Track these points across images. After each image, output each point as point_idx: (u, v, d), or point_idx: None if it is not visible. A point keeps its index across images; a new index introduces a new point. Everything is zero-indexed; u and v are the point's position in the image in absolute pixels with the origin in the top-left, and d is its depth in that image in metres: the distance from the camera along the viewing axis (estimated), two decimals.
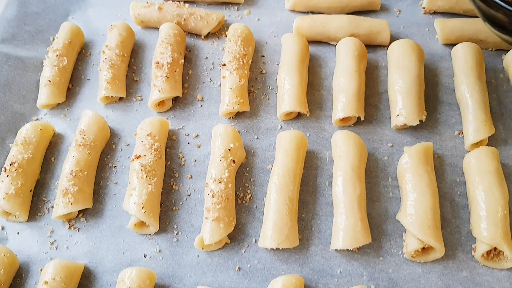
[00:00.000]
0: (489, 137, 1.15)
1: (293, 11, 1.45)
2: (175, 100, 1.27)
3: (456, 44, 1.30)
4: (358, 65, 1.23)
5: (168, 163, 1.16)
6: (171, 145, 1.20)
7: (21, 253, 1.05)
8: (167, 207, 1.11)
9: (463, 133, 1.18)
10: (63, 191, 1.06)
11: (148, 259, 1.04)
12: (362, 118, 1.19)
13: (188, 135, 1.22)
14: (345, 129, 1.20)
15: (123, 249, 1.05)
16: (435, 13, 1.42)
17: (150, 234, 1.07)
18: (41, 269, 1.01)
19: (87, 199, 1.08)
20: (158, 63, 1.25)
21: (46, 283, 0.95)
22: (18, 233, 1.08)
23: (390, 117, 1.21)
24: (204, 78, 1.32)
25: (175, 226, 1.08)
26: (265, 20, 1.44)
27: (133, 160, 1.10)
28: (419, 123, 1.15)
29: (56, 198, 1.07)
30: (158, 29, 1.37)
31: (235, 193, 1.10)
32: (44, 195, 1.13)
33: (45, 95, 1.24)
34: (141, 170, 1.07)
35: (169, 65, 1.24)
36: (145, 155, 1.10)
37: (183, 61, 1.30)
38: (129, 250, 1.05)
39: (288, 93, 1.20)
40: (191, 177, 1.15)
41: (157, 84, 1.22)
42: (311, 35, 1.35)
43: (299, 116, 1.23)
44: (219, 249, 1.05)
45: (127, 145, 1.20)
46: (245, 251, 1.05)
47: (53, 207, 1.09)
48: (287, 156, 1.10)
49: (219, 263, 1.03)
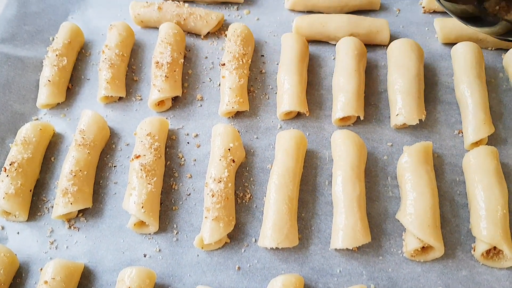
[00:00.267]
0: (488, 136, 1.14)
1: (292, 10, 1.45)
2: (174, 99, 1.27)
3: (456, 43, 1.29)
4: (358, 64, 1.23)
5: (168, 162, 1.17)
6: (170, 145, 1.20)
7: (21, 252, 1.05)
8: (167, 206, 1.11)
9: (462, 133, 1.18)
10: (63, 190, 1.06)
11: (148, 259, 1.04)
12: (362, 118, 1.18)
13: (187, 134, 1.22)
14: (345, 128, 1.20)
15: (123, 248, 1.05)
16: (435, 12, 1.42)
17: (149, 234, 1.07)
18: (41, 269, 1.01)
19: (87, 199, 1.09)
20: (158, 62, 1.25)
21: (46, 282, 0.95)
22: (18, 232, 1.08)
23: (390, 117, 1.21)
24: (204, 77, 1.32)
25: (175, 226, 1.08)
26: (265, 20, 1.44)
27: (132, 159, 1.10)
28: (418, 122, 1.15)
29: (56, 198, 1.08)
30: (158, 28, 1.37)
31: (235, 192, 1.10)
32: (44, 195, 1.13)
33: (45, 95, 1.24)
34: (141, 169, 1.07)
35: (168, 65, 1.24)
36: (144, 155, 1.10)
37: (182, 60, 1.30)
38: (129, 249, 1.05)
39: (287, 92, 1.20)
40: (191, 176, 1.15)
41: (156, 83, 1.22)
42: (310, 34, 1.35)
43: (298, 115, 1.23)
44: (218, 248, 1.05)
45: (127, 144, 1.21)
46: (244, 250, 1.05)
47: (53, 206, 1.09)
48: (286, 156, 1.10)
49: (219, 262, 1.03)
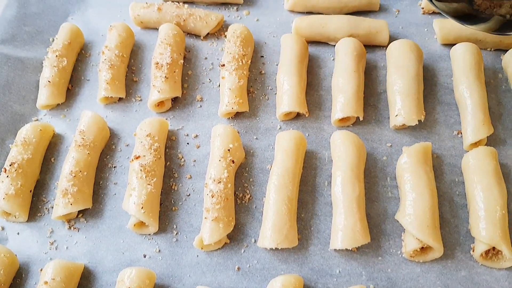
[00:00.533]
0: (487, 137, 1.15)
1: (292, 11, 1.45)
2: (174, 100, 1.27)
3: (455, 44, 1.29)
4: (357, 65, 1.23)
5: (168, 163, 1.17)
6: (170, 146, 1.20)
7: (21, 253, 1.05)
8: (167, 207, 1.11)
9: (461, 133, 1.18)
10: (63, 191, 1.06)
11: (147, 259, 1.04)
12: (361, 118, 1.19)
13: (187, 135, 1.22)
14: (344, 129, 1.20)
15: (122, 249, 1.06)
16: (434, 13, 1.42)
17: (149, 234, 1.07)
18: (41, 269, 1.01)
19: (87, 200, 1.09)
20: (158, 63, 1.25)
21: (46, 283, 0.95)
22: (18, 233, 1.08)
23: (389, 117, 1.22)
24: (204, 78, 1.32)
25: (175, 226, 1.08)
26: (264, 21, 1.44)
27: (132, 160, 1.10)
28: (418, 123, 1.15)
29: (56, 199, 1.08)
30: (158, 29, 1.37)
31: (235, 193, 1.11)
32: (44, 196, 1.13)
33: (45, 95, 1.24)
34: (141, 170, 1.07)
35: (168, 66, 1.25)
36: (144, 156, 1.10)
37: (182, 61, 1.30)
38: (128, 250, 1.05)
39: (287, 93, 1.20)
40: (191, 177, 1.15)
41: (156, 84, 1.22)
42: (310, 35, 1.35)
43: (298, 116, 1.24)
44: (218, 249, 1.05)
45: (127, 145, 1.21)
46: (244, 251, 1.05)
47: (53, 207, 1.09)
48: (286, 156, 1.10)
49: (219, 263, 1.03)
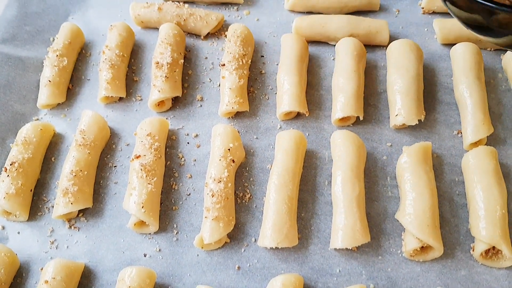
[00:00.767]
0: (487, 136, 1.15)
1: (292, 11, 1.45)
2: (174, 100, 1.27)
3: (455, 44, 1.30)
4: (357, 65, 1.24)
5: (168, 162, 1.17)
6: (170, 145, 1.20)
7: (22, 252, 1.05)
8: (167, 206, 1.11)
9: (461, 133, 1.18)
10: (63, 190, 1.06)
11: (148, 258, 1.04)
12: (361, 118, 1.19)
13: (187, 135, 1.22)
14: (344, 128, 1.20)
15: (123, 248, 1.06)
16: (434, 13, 1.42)
17: (150, 234, 1.07)
18: (42, 268, 1.02)
19: (87, 199, 1.09)
20: (158, 63, 1.25)
21: (46, 282, 0.95)
22: (19, 232, 1.08)
23: (389, 117, 1.22)
24: (204, 78, 1.32)
25: (175, 226, 1.08)
26: (265, 20, 1.44)
27: (133, 159, 1.11)
28: (418, 122, 1.16)
29: (56, 198, 1.08)
30: (158, 29, 1.37)
31: (235, 192, 1.11)
32: (45, 195, 1.13)
33: (45, 95, 1.24)
34: (141, 169, 1.08)
35: (168, 65, 1.25)
36: (145, 155, 1.10)
37: (182, 61, 1.31)
38: (129, 249, 1.05)
39: (287, 93, 1.20)
40: (191, 176, 1.15)
41: (156, 84, 1.22)
42: (310, 35, 1.35)
43: (298, 116, 1.24)
44: (218, 248, 1.05)
45: (127, 145, 1.21)
46: (244, 250, 1.05)
47: (53, 206, 1.09)
48: (286, 156, 1.10)
49: (219, 262, 1.03)
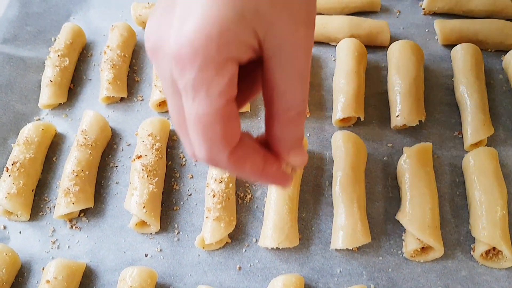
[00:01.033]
0: (488, 137, 1.15)
1: None
2: None
3: (456, 45, 1.30)
4: (358, 65, 1.24)
5: (169, 163, 1.17)
6: (172, 145, 1.21)
7: (23, 252, 1.05)
8: (168, 206, 1.11)
9: (462, 134, 1.19)
10: (65, 190, 1.06)
11: (149, 258, 1.04)
12: (362, 119, 1.19)
13: None
14: (345, 129, 1.20)
15: (124, 248, 1.06)
16: (435, 14, 1.42)
17: (151, 234, 1.07)
18: (43, 268, 1.02)
19: (89, 199, 1.09)
20: None
21: (48, 282, 0.95)
22: (20, 232, 1.08)
23: (390, 118, 1.22)
24: None
25: (176, 226, 1.09)
26: None
27: (134, 160, 1.11)
28: (418, 123, 1.16)
29: (57, 198, 1.08)
30: None
31: (236, 193, 1.11)
32: (46, 195, 1.13)
33: (47, 95, 1.24)
34: (142, 170, 1.08)
35: None
36: (146, 155, 1.10)
37: None
38: (130, 249, 1.06)
39: None
40: (192, 177, 1.15)
41: (158, 84, 1.23)
42: None
43: None
44: (219, 248, 1.05)
45: (128, 145, 1.21)
46: (245, 250, 1.05)
47: (54, 206, 1.09)
48: None
49: (220, 262, 1.04)
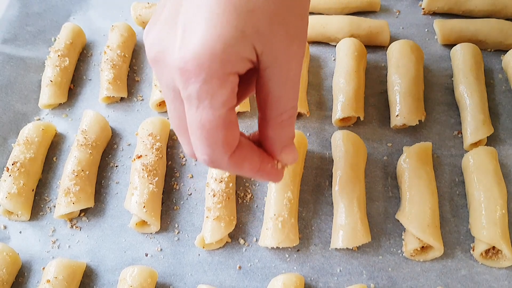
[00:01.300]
0: (488, 137, 1.15)
1: None
2: None
3: (455, 44, 1.30)
4: (358, 65, 1.24)
5: (169, 162, 1.17)
6: (172, 145, 1.21)
7: (23, 252, 1.05)
8: (168, 206, 1.11)
9: (462, 133, 1.19)
10: (65, 190, 1.06)
11: (149, 258, 1.05)
12: (362, 118, 1.19)
13: None
14: (345, 129, 1.20)
15: (124, 248, 1.06)
16: (435, 14, 1.43)
17: (151, 233, 1.08)
18: (43, 268, 1.02)
19: (89, 199, 1.09)
20: None
21: (48, 281, 0.96)
22: (21, 232, 1.09)
23: (390, 117, 1.22)
24: None
25: (176, 225, 1.09)
26: None
27: (134, 159, 1.11)
28: (418, 123, 1.16)
29: (58, 198, 1.08)
30: None
31: (236, 192, 1.11)
32: (46, 195, 1.14)
33: (47, 95, 1.25)
34: (143, 169, 1.08)
35: None
36: (146, 155, 1.10)
37: None
38: (130, 249, 1.06)
39: None
40: (192, 176, 1.15)
41: (158, 84, 1.23)
42: (311, 35, 1.36)
43: (299, 116, 1.24)
44: (220, 248, 1.05)
45: (129, 145, 1.21)
46: (245, 250, 1.05)
47: (55, 206, 1.10)
48: None
49: (220, 261, 1.04)
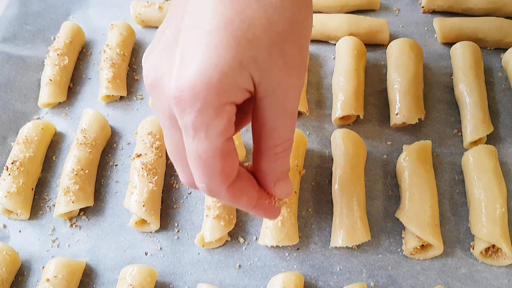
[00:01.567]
0: (487, 135, 1.15)
1: None
2: None
3: (455, 43, 1.30)
4: (357, 64, 1.24)
5: (169, 161, 1.17)
6: None
7: (23, 251, 1.05)
8: (168, 205, 1.11)
9: (461, 132, 1.19)
10: (65, 189, 1.06)
11: (149, 257, 1.05)
12: (362, 117, 1.19)
13: None
14: (345, 127, 1.20)
15: (124, 246, 1.06)
16: (434, 12, 1.42)
17: (151, 232, 1.08)
18: (43, 267, 1.02)
19: (89, 198, 1.09)
20: None
21: (48, 280, 0.96)
22: (20, 231, 1.09)
23: (390, 116, 1.22)
24: None
25: (176, 224, 1.09)
26: None
27: (134, 158, 1.11)
28: (418, 121, 1.16)
29: (57, 197, 1.08)
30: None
31: None
32: (46, 194, 1.14)
33: (46, 94, 1.24)
34: (142, 168, 1.08)
35: None
36: (146, 154, 1.10)
37: None
38: (130, 247, 1.06)
39: None
40: None
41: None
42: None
43: (299, 114, 1.24)
44: (219, 246, 1.05)
45: (128, 143, 1.21)
46: (245, 248, 1.05)
47: (54, 205, 1.10)
48: None
49: (220, 260, 1.04)
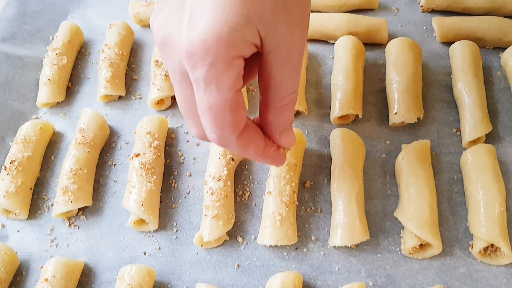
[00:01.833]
0: (486, 134, 1.15)
1: None
2: (174, 98, 1.27)
3: (454, 42, 1.30)
4: (356, 63, 1.24)
5: (167, 161, 1.17)
6: (170, 143, 1.21)
7: (22, 250, 1.05)
8: (167, 204, 1.11)
9: (460, 131, 1.19)
10: (63, 189, 1.06)
11: (147, 256, 1.05)
12: (360, 116, 1.19)
13: (187, 133, 1.22)
14: (344, 127, 1.20)
15: (122, 246, 1.06)
16: (433, 11, 1.42)
17: (149, 232, 1.07)
18: (42, 267, 1.02)
19: (87, 197, 1.09)
20: (157, 61, 1.25)
21: (46, 280, 0.95)
22: (19, 231, 1.09)
23: (388, 115, 1.22)
24: None
25: (175, 224, 1.09)
26: None
27: (132, 158, 1.11)
28: (416, 121, 1.16)
29: (56, 196, 1.08)
30: None
31: (234, 190, 1.11)
32: (44, 193, 1.13)
33: (45, 93, 1.24)
34: (141, 168, 1.08)
35: None
36: (144, 153, 1.10)
37: None
38: (128, 247, 1.06)
39: None
40: (190, 175, 1.15)
41: (156, 82, 1.23)
42: (309, 33, 1.34)
43: (297, 114, 1.24)
44: (218, 246, 1.05)
45: (127, 143, 1.21)
46: (244, 248, 1.05)
47: (53, 205, 1.09)
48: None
49: (218, 260, 1.04)
